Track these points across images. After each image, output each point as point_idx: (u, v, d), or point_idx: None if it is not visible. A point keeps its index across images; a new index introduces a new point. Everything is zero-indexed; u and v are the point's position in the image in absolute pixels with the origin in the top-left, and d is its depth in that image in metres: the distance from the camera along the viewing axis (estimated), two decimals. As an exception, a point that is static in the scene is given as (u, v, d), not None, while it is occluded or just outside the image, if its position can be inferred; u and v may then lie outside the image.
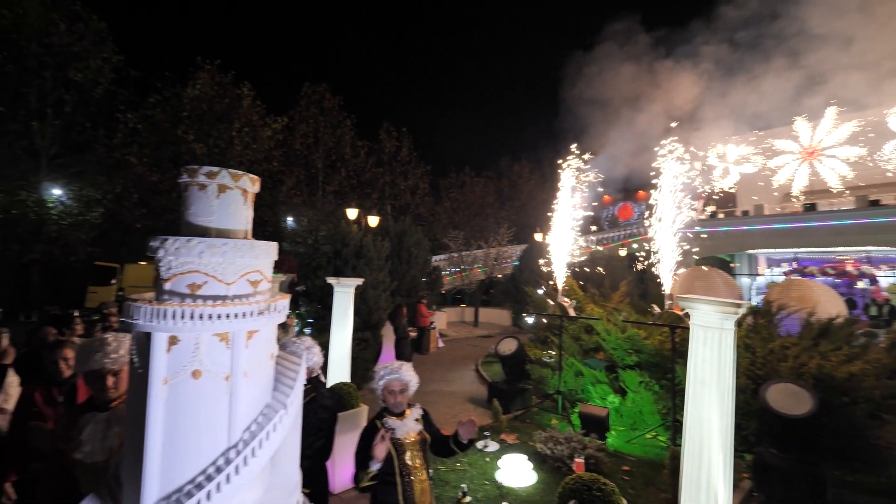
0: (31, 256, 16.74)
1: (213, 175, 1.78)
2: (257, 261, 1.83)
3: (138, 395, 1.59)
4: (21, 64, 16.25)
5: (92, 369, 2.18)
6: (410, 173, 27.37)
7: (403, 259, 13.51)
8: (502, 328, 17.99)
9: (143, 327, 1.56)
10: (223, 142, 20.04)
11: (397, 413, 2.80)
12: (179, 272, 1.67)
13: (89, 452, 2.11)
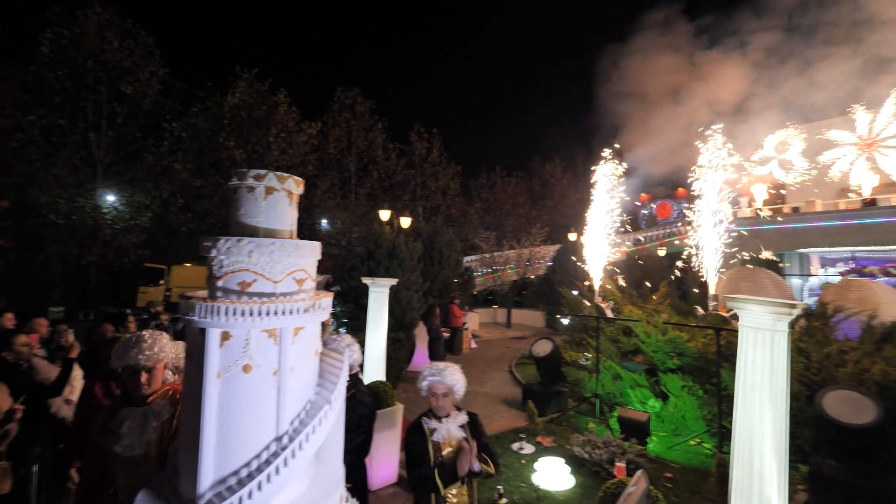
0: (89, 259, 17.88)
1: (260, 178, 1.85)
2: (302, 260, 1.89)
3: (194, 387, 1.67)
4: (79, 80, 17.47)
5: (127, 364, 2.24)
6: (441, 174, 27.45)
7: (435, 260, 13.57)
8: (535, 330, 17.76)
9: (197, 323, 1.64)
10: (261, 147, 20.78)
11: (441, 416, 2.71)
12: (230, 271, 1.74)
13: (129, 446, 2.18)
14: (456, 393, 2.73)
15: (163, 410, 2.26)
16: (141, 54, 18.51)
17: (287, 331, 1.72)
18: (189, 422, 1.71)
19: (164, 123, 19.34)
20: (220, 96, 20.66)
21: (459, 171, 28.39)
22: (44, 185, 16.89)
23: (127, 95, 18.30)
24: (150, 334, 2.33)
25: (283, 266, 1.80)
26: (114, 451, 2.17)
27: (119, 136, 18.62)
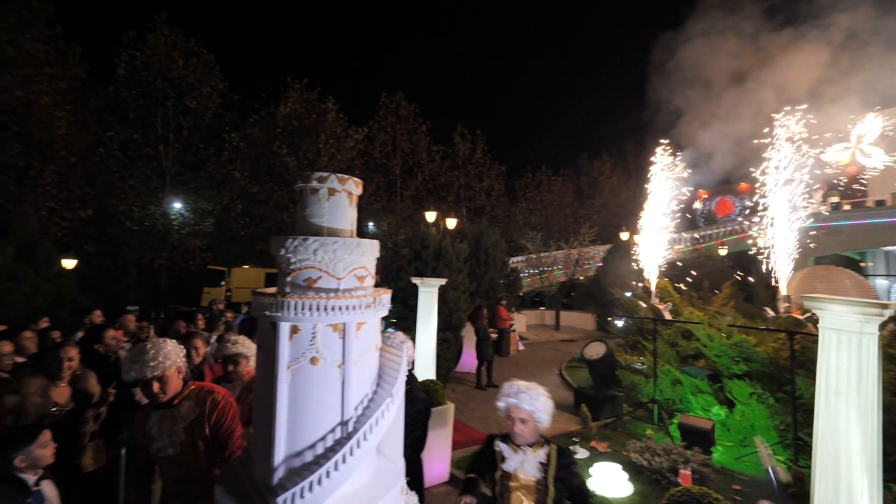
0: (159, 261, 19.41)
1: (323, 180, 1.93)
2: (363, 258, 1.96)
3: (266, 378, 1.76)
4: (149, 97, 19.05)
5: (137, 378, 2.28)
6: (485, 175, 27.41)
7: (481, 261, 13.54)
8: (585, 332, 17.28)
9: (269, 317, 1.74)
10: (311, 154, 21.64)
11: (518, 444, 2.35)
12: (298, 268, 1.83)
13: (161, 447, 2.27)
14: (539, 421, 2.32)
15: (189, 412, 2.33)
16: (203, 71, 19.88)
17: (351, 325, 1.79)
18: (262, 411, 1.81)
19: (224, 134, 20.71)
20: (273, 106, 21.74)
21: (504, 172, 28.29)
22: (121, 194, 18.59)
23: (191, 109, 19.77)
24: (151, 345, 2.36)
25: (345, 263, 1.88)
26: (150, 452, 2.30)
27: (184, 148, 20.14)
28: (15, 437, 2.26)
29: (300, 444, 1.70)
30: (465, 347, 10.25)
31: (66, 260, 11.70)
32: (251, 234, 20.99)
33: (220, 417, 2.34)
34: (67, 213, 16.60)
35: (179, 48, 19.36)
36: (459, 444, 5.48)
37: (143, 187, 18.98)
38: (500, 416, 2.43)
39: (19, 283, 8.60)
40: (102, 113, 18.48)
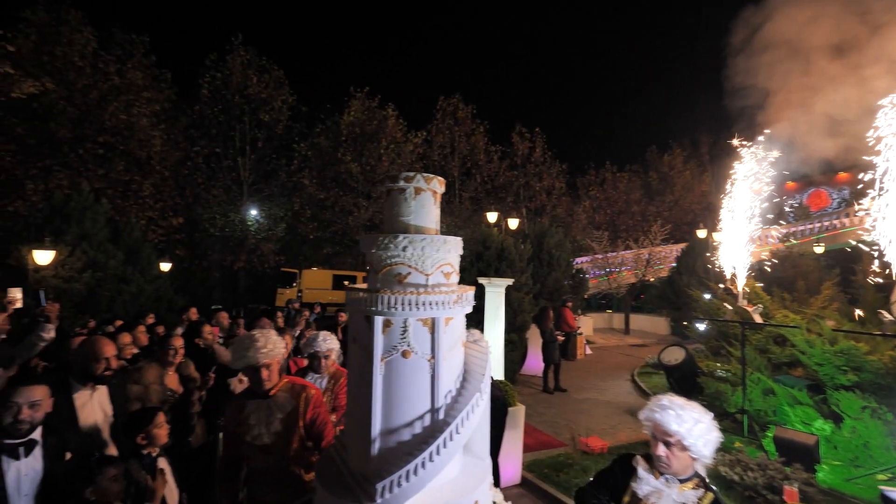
0: (238, 264, 21.11)
1: (409, 179, 2.00)
2: (449, 255, 2.00)
3: (361, 370, 1.85)
4: (229, 113, 20.83)
5: (247, 365, 2.38)
6: (545, 174, 26.90)
7: (544, 261, 13.22)
8: (658, 337, 16.40)
9: (364, 312, 1.83)
10: (373, 159, 22.49)
11: (663, 472, 1.88)
12: (388, 264, 1.91)
13: (257, 436, 2.35)
14: (691, 450, 1.80)
15: (285, 403, 2.43)
16: (274, 86, 21.41)
17: (440, 320, 1.83)
18: (356, 401, 1.89)
19: (294, 144, 22.17)
20: (337, 116, 22.87)
21: (565, 170, 27.68)
22: (205, 204, 20.48)
23: (264, 123, 21.33)
24: (261, 334, 2.45)
25: (432, 260, 1.92)
26: (245, 440, 2.38)
27: (259, 159, 21.80)
28: (137, 419, 2.56)
29: (394, 435, 1.77)
30: (530, 350, 10.09)
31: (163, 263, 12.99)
32: (319, 238, 22.22)
33: (315, 412, 2.47)
34: (162, 222, 18.51)
35: (254, 66, 21.01)
36: (529, 448, 5.41)
37: (224, 196, 20.83)
38: (646, 433, 1.99)
39: (128, 284, 9.71)
40: (189, 130, 20.54)
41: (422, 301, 1.79)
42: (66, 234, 9.40)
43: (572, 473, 4.84)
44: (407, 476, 1.62)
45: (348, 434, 2.00)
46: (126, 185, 17.40)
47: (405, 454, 1.70)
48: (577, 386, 9.04)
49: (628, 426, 6.64)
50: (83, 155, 16.35)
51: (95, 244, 9.70)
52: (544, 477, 4.82)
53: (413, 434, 1.77)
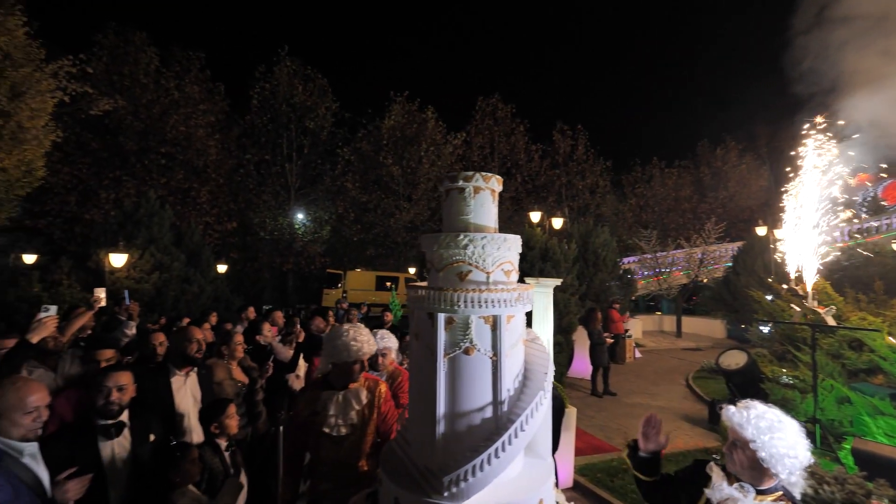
0: (287, 266, 22.02)
1: (468, 178, 2.02)
2: (509, 253, 2.01)
3: (423, 366, 1.89)
4: (277, 122, 21.79)
5: (347, 360, 2.39)
6: (588, 172, 26.30)
7: (590, 261, 12.95)
8: (714, 340, 15.62)
9: (426, 309, 1.87)
10: (414, 162, 22.84)
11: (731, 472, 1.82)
12: (449, 262, 1.94)
13: (335, 426, 2.40)
14: (765, 461, 1.67)
15: (361, 396, 2.48)
16: (318, 94, 22.23)
17: (502, 318, 1.85)
18: (420, 396, 1.94)
19: (337, 149, 22.90)
20: (378, 120, 23.38)
21: (609, 167, 27.01)
22: (256, 208, 21.54)
23: (310, 130, 22.19)
24: (355, 329, 2.48)
25: (493, 258, 1.94)
26: (322, 430, 2.41)
27: (305, 164, 22.69)
28: (210, 409, 2.75)
29: (458, 430, 1.79)
30: (577, 352, 9.89)
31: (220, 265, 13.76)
32: (362, 240, 22.83)
33: (387, 406, 2.56)
34: (218, 227, 19.63)
35: (299, 76, 21.87)
36: (580, 452, 5.31)
37: (273, 201, 21.84)
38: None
39: (190, 284, 10.37)
40: (241, 139, 21.73)
41: (484, 299, 1.81)
42: (136, 239, 10.16)
43: (628, 479, 4.70)
44: (473, 471, 1.64)
45: (411, 428, 2.04)
46: (185, 193, 18.61)
47: (470, 450, 1.73)
48: (627, 390, 8.79)
49: (685, 433, 6.37)
50: (148, 165, 17.66)
51: (161, 247, 10.43)
52: (598, 482, 4.74)
53: (477, 430, 1.79)
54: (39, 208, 15.88)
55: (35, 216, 16.09)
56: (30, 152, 8.23)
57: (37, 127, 8.17)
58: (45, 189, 14.22)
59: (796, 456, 1.68)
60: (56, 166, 13.97)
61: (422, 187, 23.09)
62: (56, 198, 16.16)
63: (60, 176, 15.67)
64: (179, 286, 10.18)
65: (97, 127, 16.93)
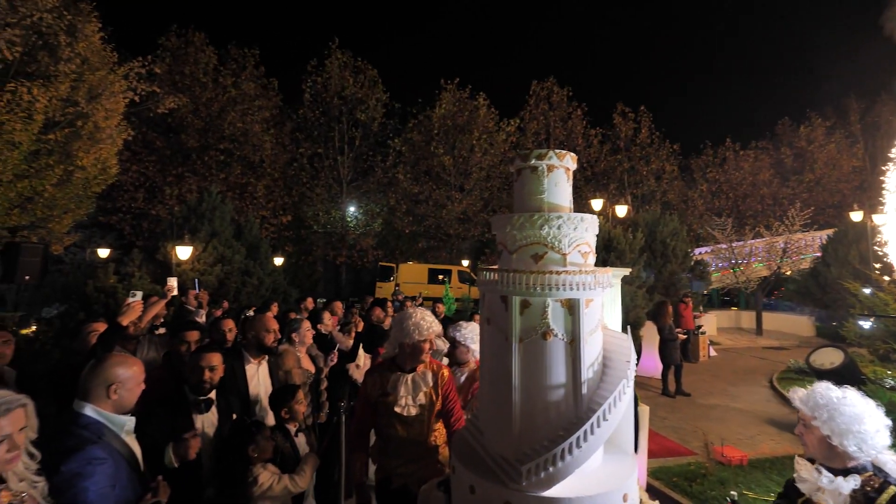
0: (340, 259, 22.84)
1: (542, 157, 1.97)
2: (586, 234, 1.95)
3: (496, 352, 1.87)
4: (328, 115, 22.55)
5: (413, 342, 2.52)
6: (653, 156, 25.26)
7: (658, 252, 12.51)
8: (800, 338, 14.50)
9: (500, 292, 1.85)
10: (465, 151, 22.88)
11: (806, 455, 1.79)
12: (524, 244, 1.91)
13: (405, 407, 2.55)
14: (839, 441, 1.65)
15: (427, 378, 2.61)
16: (369, 85, 22.75)
17: (580, 302, 1.79)
18: (493, 383, 1.92)
19: (388, 141, 23.43)
20: (429, 109, 23.59)
21: (676, 150, 25.84)
22: (309, 202, 22.47)
23: (361, 122, 22.79)
24: (421, 311, 2.65)
25: (569, 239, 1.89)
26: (394, 410, 2.55)
27: (356, 157, 23.34)
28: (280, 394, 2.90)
29: (536, 418, 1.76)
30: (645, 349, 9.51)
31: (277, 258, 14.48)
32: (414, 232, 23.24)
33: (448, 388, 2.65)
34: (273, 220, 20.68)
35: (350, 68, 22.47)
36: (653, 454, 5.11)
37: (326, 194, 22.69)
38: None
39: (251, 276, 11.00)
40: (295, 133, 22.74)
41: (562, 281, 1.76)
42: (199, 232, 10.91)
43: (707, 485, 4.50)
44: (553, 460, 1.61)
45: (484, 416, 2.02)
46: (243, 188, 19.75)
47: (548, 439, 1.70)
48: (702, 390, 8.40)
49: (770, 437, 5.97)
50: (208, 161, 18.92)
51: (223, 241, 11.14)
52: (674, 486, 4.57)
53: (555, 418, 1.75)
54: (111, 205, 17.47)
55: (107, 213, 17.70)
56: (105, 151, 8.96)
57: (111, 126, 8.91)
58: (116, 187, 15.67)
59: (864, 429, 1.63)
60: (125, 164, 15.29)
61: (474, 177, 23.12)
62: (125, 195, 17.76)
63: (129, 174, 17.19)
64: (240, 278, 10.84)
65: (161, 126, 18.38)
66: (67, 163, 7.95)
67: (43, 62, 7.62)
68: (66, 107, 7.83)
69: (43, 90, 7.15)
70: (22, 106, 6.88)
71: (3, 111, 6.66)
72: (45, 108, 7.24)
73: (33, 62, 7.58)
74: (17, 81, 6.92)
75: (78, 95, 8.01)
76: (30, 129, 7.02)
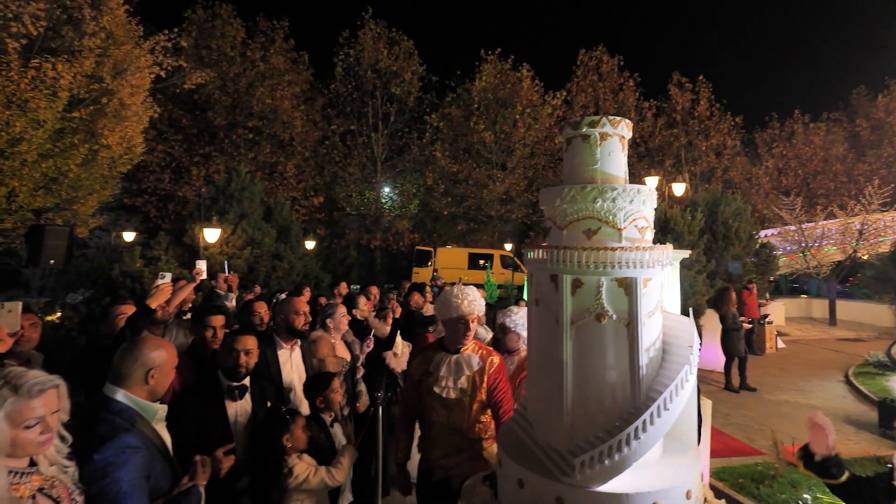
0: (374, 243, 23.16)
1: (594, 124, 1.90)
2: (643, 207, 1.86)
3: (546, 335, 1.83)
4: (361, 89, 22.68)
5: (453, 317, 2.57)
6: (713, 130, 24.37)
7: (719, 234, 12.16)
8: (879, 329, 13.93)
9: (550, 270, 1.79)
10: (508, 126, 22.61)
11: None
12: (575, 219, 1.84)
13: (445, 388, 2.55)
14: None
15: (473, 362, 2.60)
16: (404, 57, 22.67)
17: (638, 281, 1.72)
18: (541, 370, 1.89)
19: (425, 116, 23.40)
20: (468, 82, 23.40)
21: (738, 124, 24.95)
22: (342, 182, 22.79)
23: (396, 96, 22.83)
24: (466, 288, 2.69)
25: (625, 213, 1.81)
26: (433, 390, 2.59)
27: (391, 134, 23.47)
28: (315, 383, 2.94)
29: (589, 407, 1.72)
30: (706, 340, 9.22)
31: (308, 242, 14.84)
32: (453, 214, 23.30)
33: (497, 377, 2.62)
34: (304, 202, 21.12)
35: (384, 39, 22.45)
36: (716, 453, 5.01)
37: (359, 174, 22.94)
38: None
39: (281, 260, 11.33)
40: (326, 109, 22.98)
41: (617, 258, 1.70)
42: (228, 214, 11.23)
43: (777, 487, 4.38)
44: (609, 452, 1.56)
45: (532, 405, 1.99)
46: (272, 168, 20.23)
47: (603, 430, 1.66)
48: (769, 385, 8.20)
49: (848, 437, 5.72)
50: (236, 140, 19.44)
51: (253, 223, 11.47)
52: (740, 488, 4.49)
53: (611, 407, 1.70)
54: (137, 187, 18.26)
55: (133, 195, 18.52)
56: (130, 129, 9.11)
57: (136, 103, 9.08)
58: (142, 167, 16.30)
59: None
60: (151, 144, 15.66)
61: (517, 154, 22.83)
62: (151, 176, 18.43)
63: (155, 154, 17.73)
64: (271, 262, 11.15)
65: (188, 104, 19.01)
66: (92, 142, 8.06)
67: (67, 37, 7.71)
68: (91, 83, 7.93)
69: (67, 66, 7.21)
70: (46, 83, 6.97)
71: (28, 89, 6.76)
72: (70, 85, 7.31)
73: (57, 37, 7.68)
74: (42, 57, 7.00)
75: (103, 71, 8.11)
76: (54, 106, 7.10)
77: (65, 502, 1.43)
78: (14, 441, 1.31)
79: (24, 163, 6.76)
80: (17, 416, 1.31)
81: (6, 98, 6.49)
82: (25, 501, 1.32)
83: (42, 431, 1.36)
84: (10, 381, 1.34)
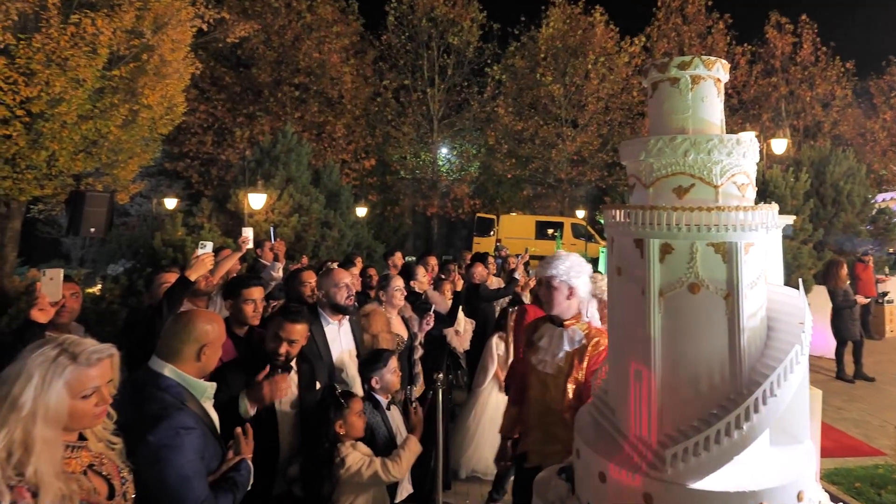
0: (431, 210, 23.47)
1: (685, 65, 1.81)
2: (744, 160, 1.78)
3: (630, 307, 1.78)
4: (416, 40, 22.59)
5: (544, 275, 2.70)
6: (818, 78, 22.98)
7: (828, 199, 11.76)
8: None
9: (633, 234, 1.73)
10: (579, 78, 22.09)
11: None
12: (663, 175, 1.77)
13: (542, 361, 2.62)
14: None
15: (576, 339, 2.63)
16: (462, 4, 22.34)
17: (739, 246, 1.65)
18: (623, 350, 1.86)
19: (486, 68, 23.16)
20: (534, 29, 22.89)
21: (850, 70, 23.40)
22: (395, 143, 23.07)
23: (453, 47, 22.67)
24: (568, 255, 2.76)
25: (722, 167, 1.74)
26: (531, 361, 2.69)
27: (448, 89, 23.43)
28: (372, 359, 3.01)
29: (682, 392, 1.68)
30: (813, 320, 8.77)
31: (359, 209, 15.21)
32: (517, 178, 23.18)
33: (598, 361, 2.60)
34: (355, 165, 21.59)
35: (440, -18, 22.13)
36: (827, 452, 4.82)
37: (414, 133, 23.15)
38: None
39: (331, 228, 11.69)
40: (378, 63, 23.16)
41: (714, 220, 1.64)
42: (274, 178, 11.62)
43: (904, 494, 4.21)
44: (706, 444, 1.52)
45: (615, 389, 1.96)
46: (320, 128, 20.75)
47: (698, 418, 1.63)
48: (890, 374, 7.90)
49: None
50: (281, 98, 19.96)
51: (300, 188, 11.81)
52: (857, 493, 4.37)
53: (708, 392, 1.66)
54: (178, 150, 19.11)
55: (174, 159, 19.43)
56: (171, 87, 9.41)
57: (177, 59, 9.33)
58: (183, 129, 17.04)
59: None
60: (192, 104, 16.13)
61: (590, 109, 22.41)
62: (193, 139, 19.20)
63: (196, 115, 18.41)
64: (319, 230, 11.45)
65: (230, 60, 19.75)
66: (133, 101, 8.28)
67: (107, -11, 8.09)
68: (131, 38, 8.15)
69: (107, 21, 7.38)
70: (86, 39, 7.17)
71: (68, 46, 6.96)
72: (110, 41, 7.49)
73: (96, -10, 8.06)
74: (81, 13, 7.20)
75: (143, 26, 8.35)
76: (94, 64, 7.26)
77: (114, 480, 1.48)
78: (72, 412, 1.34)
79: (63, 124, 7.07)
80: (76, 386, 1.34)
81: (46, 56, 6.80)
82: (77, 477, 1.36)
83: (97, 403, 1.40)
84: (67, 348, 1.36)
